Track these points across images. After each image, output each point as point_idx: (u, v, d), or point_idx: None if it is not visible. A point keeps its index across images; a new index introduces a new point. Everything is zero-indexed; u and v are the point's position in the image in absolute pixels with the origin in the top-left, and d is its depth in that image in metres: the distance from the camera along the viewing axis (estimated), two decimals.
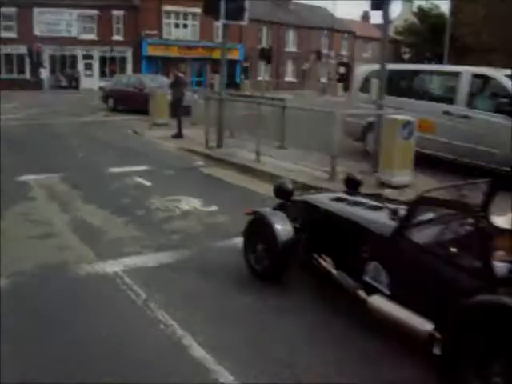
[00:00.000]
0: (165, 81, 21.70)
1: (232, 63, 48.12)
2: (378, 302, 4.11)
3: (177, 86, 15.22)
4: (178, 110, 14.99)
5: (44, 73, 42.30)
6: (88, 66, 45.15)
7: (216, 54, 47.71)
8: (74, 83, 43.67)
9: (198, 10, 46.73)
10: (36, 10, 43.37)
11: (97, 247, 6.13)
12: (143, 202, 8.25)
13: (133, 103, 22.18)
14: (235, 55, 47.48)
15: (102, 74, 45.12)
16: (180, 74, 15.82)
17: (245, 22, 12.73)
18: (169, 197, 8.47)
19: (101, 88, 25.79)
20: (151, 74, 28.70)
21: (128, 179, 9.79)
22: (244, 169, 10.77)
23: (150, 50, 45.25)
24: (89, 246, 6.15)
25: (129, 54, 45.71)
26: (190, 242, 6.39)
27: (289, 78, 56.72)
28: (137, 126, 17.27)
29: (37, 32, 43.59)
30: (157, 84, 21.52)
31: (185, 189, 9.10)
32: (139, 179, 9.79)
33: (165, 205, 8.08)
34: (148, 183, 9.55)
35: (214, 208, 7.97)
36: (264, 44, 49.87)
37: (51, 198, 8.49)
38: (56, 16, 43.99)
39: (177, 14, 46.90)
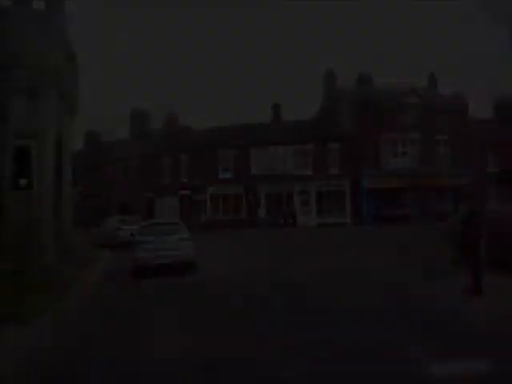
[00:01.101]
0: None
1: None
2: None
3: (471, 221, 10.38)
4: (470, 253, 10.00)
5: (260, 212, 40.86)
6: (304, 202, 42.86)
7: (439, 182, 42.86)
8: (290, 220, 41.44)
9: (417, 136, 43.03)
10: (253, 151, 43.19)
11: None
12: None
13: None
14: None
15: (319, 210, 42.59)
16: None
17: None
18: None
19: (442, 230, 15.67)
20: None
21: None
22: None
23: (368, 183, 41.88)
24: None
25: (346, 188, 42.69)
26: None
27: None
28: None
29: (253, 171, 43.18)
30: None
31: None
32: None
33: None
34: None
35: None
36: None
37: None
38: (271, 154, 43.27)
39: (394, 142, 43.50)
